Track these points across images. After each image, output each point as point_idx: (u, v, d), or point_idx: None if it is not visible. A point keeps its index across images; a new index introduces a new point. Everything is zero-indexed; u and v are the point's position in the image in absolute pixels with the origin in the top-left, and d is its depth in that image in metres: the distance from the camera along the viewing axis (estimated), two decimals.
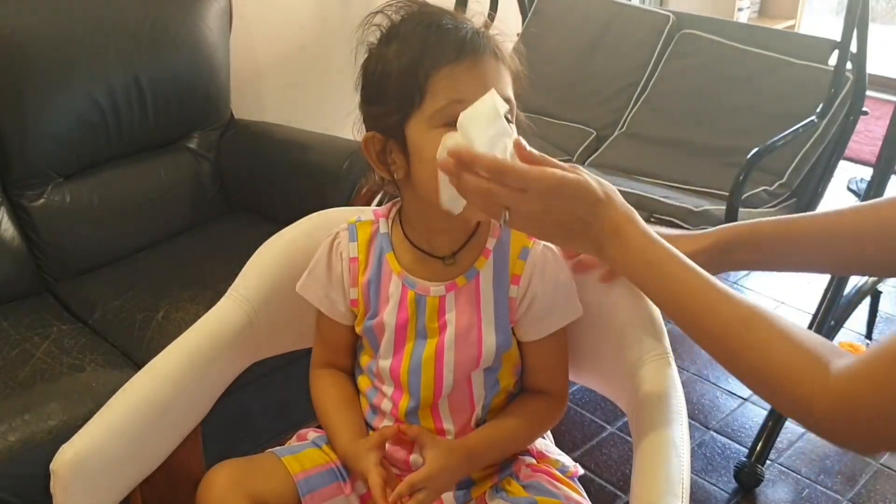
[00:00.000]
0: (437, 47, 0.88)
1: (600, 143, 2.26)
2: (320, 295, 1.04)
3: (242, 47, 2.21)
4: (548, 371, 1.04)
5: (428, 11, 0.93)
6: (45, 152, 1.76)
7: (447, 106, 0.87)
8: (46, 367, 1.48)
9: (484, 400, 1.02)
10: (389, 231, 1.02)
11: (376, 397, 1.05)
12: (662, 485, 0.88)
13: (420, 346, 1.00)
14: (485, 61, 0.89)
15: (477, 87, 0.86)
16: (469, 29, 0.90)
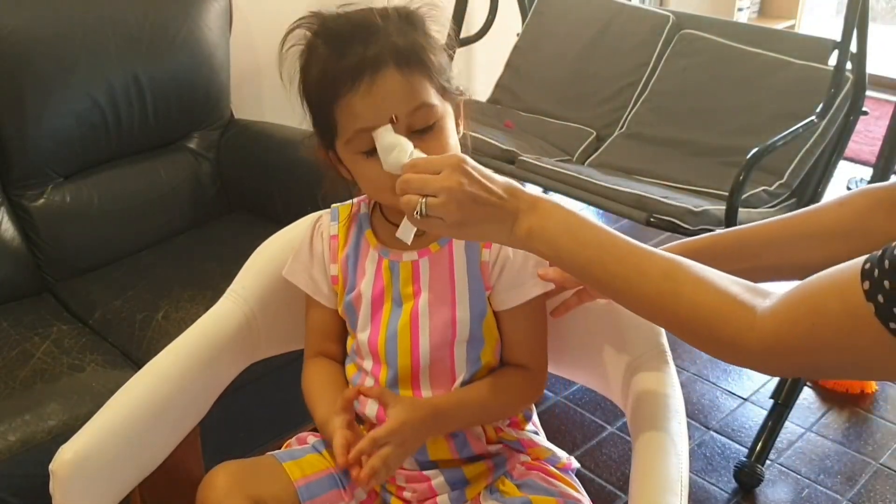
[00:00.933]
0: (334, 76, 0.89)
1: (600, 143, 2.26)
2: (304, 276, 1.06)
3: (242, 47, 2.20)
4: (524, 343, 1.02)
5: (333, 27, 0.92)
6: (45, 152, 1.76)
7: (354, 136, 0.90)
8: (46, 367, 1.48)
9: (465, 375, 1.01)
10: (369, 212, 1.05)
11: (360, 378, 1.05)
12: (661, 483, 0.88)
13: (396, 314, 1.00)
14: (380, 80, 0.87)
15: (376, 112, 0.88)
16: (363, 44, 0.88)
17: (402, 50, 0.88)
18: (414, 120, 0.89)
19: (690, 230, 1.70)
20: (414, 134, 0.89)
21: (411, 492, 1.04)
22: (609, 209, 1.83)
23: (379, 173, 0.89)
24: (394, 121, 0.87)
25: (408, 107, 0.88)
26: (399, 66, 0.88)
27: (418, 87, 0.89)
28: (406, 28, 0.91)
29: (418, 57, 0.89)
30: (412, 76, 0.88)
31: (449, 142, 0.93)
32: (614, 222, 2.90)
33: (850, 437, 1.97)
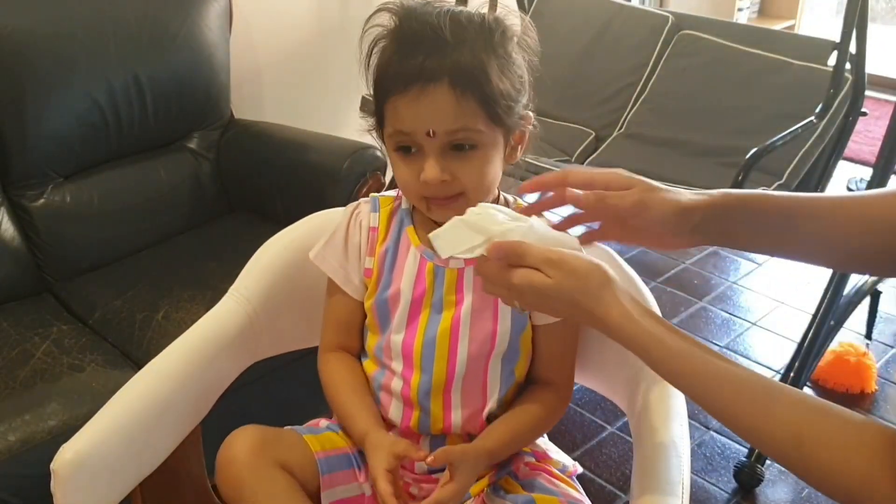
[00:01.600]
0: (392, 74, 0.90)
1: (599, 144, 2.27)
2: (335, 265, 1.04)
3: (242, 47, 2.20)
4: (556, 359, 1.04)
5: (407, 27, 0.90)
6: (45, 152, 1.76)
7: (393, 134, 0.92)
8: (46, 367, 1.48)
9: (498, 392, 1.02)
10: (410, 207, 1.03)
11: (385, 377, 1.04)
12: (662, 485, 0.89)
13: (435, 319, 1.00)
14: (430, 93, 0.87)
15: (416, 121, 0.89)
16: (425, 54, 0.87)
17: (462, 69, 0.87)
18: (452, 139, 0.89)
19: None
20: (451, 149, 0.90)
21: (418, 489, 1.05)
22: None
23: (406, 175, 0.92)
24: (430, 135, 0.88)
25: (449, 126, 0.88)
26: (453, 84, 0.87)
27: (466, 109, 0.88)
28: (479, 45, 0.89)
29: (477, 79, 0.88)
30: (463, 97, 0.87)
31: (483, 170, 0.92)
32: None
33: None
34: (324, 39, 2.53)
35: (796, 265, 2.68)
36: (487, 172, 0.93)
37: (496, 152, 0.94)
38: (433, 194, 0.92)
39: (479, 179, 0.92)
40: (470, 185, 0.92)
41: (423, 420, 1.03)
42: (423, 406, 1.02)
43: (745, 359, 2.24)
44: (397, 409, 1.03)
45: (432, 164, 0.89)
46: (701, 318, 2.41)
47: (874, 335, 2.32)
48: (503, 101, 0.90)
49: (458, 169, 0.90)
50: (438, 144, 0.89)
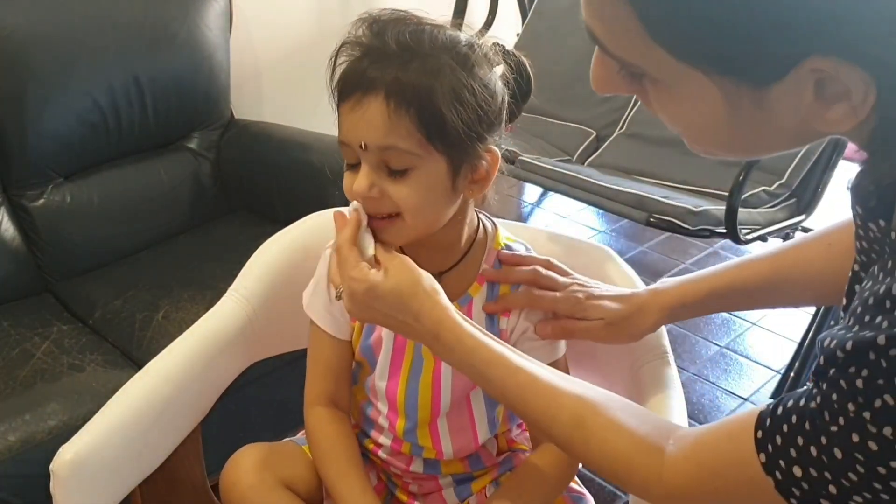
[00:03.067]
0: (342, 80, 0.87)
1: (600, 143, 2.26)
2: (321, 311, 1.00)
3: (242, 47, 2.20)
4: None
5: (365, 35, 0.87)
6: (45, 152, 1.76)
7: (339, 145, 0.88)
8: (46, 367, 1.48)
9: (486, 418, 1.01)
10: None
11: (372, 411, 1.03)
12: None
13: (417, 366, 0.98)
14: (365, 104, 0.83)
15: (351, 131, 0.85)
16: (370, 63, 0.84)
17: (402, 86, 0.82)
18: (385, 157, 0.84)
19: (690, 230, 1.69)
20: (387, 169, 0.85)
21: (417, 485, 1.05)
22: (609, 209, 1.83)
23: (346, 187, 0.89)
24: (362, 147, 0.84)
25: (379, 141, 0.83)
26: (388, 98, 0.82)
27: (399, 127, 0.82)
28: (431, 64, 0.83)
29: (417, 98, 0.82)
30: (396, 113, 0.82)
31: (420, 193, 0.86)
32: (614, 222, 2.90)
33: None
34: (324, 39, 2.52)
35: None
36: (424, 198, 0.86)
37: (437, 180, 0.86)
38: (367, 210, 0.88)
39: (414, 203, 0.86)
40: (404, 206, 0.86)
41: (415, 448, 1.02)
42: (411, 441, 1.01)
43: (745, 359, 2.24)
44: (387, 438, 1.03)
45: (360, 178, 0.85)
46: (701, 318, 2.41)
47: None
48: (449, 127, 0.83)
49: (389, 187, 0.85)
50: (373, 159, 0.84)
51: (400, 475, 1.05)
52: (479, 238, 0.97)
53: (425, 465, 1.03)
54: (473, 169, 0.88)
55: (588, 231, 2.90)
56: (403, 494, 1.06)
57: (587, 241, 1.15)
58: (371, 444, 1.05)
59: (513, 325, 0.97)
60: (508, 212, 3.06)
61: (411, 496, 1.06)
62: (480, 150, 0.88)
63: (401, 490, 1.07)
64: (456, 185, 0.88)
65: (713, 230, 1.71)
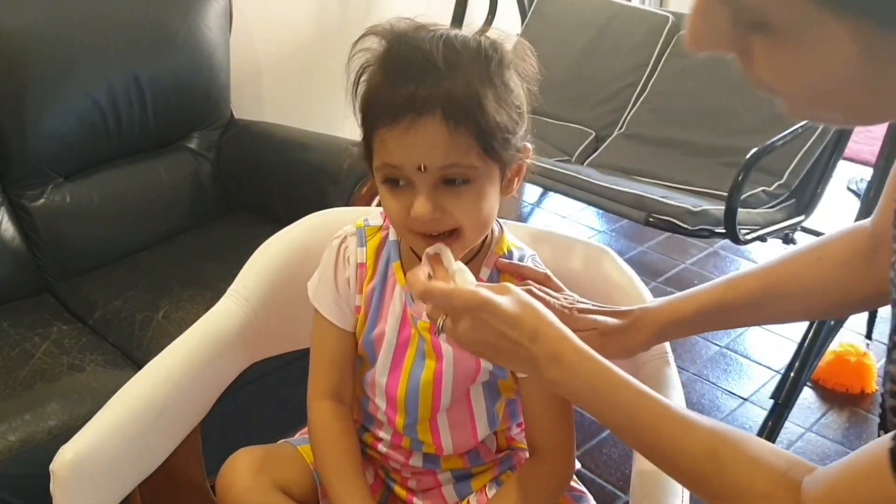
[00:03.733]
0: (380, 104, 0.83)
1: (599, 144, 2.27)
2: (329, 303, 1.00)
3: (242, 47, 2.20)
4: (543, 417, 0.98)
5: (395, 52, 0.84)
6: (45, 152, 1.76)
7: (381, 167, 0.85)
8: (46, 367, 1.48)
9: (486, 414, 1.01)
10: (398, 240, 0.98)
11: (370, 406, 1.03)
12: (662, 485, 0.89)
13: (419, 365, 0.97)
14: (421, 126, 0.80)
15: (406, 155, 0.82)
16: (416, 82, 0.80)
17: (456, 99, 0.80)
18: (443, 174, 0.83)
19: (689, 230, 1.70)
20: (443, 184, 0.83)
21: (416, 481, 1.05)
22: (608, 209, 1.83)
23: (396, 209, 0.86)
24: (422, 169, 0.81)
25: (441, 161, 0.81)
26: (446, 116, 0.80)
27: (460, 143, 0.81)
28: (474, 73, 0.82)
29: (472, 111, 0.81)
30: (457, 131, 0.80)
31: (478, 205, 0.86)
32: (614, 222, 2.91)
33: (850, 437, 1.97)
34: (324, 40, 2.53)
35: None
36: (482, 208, 0.86)
37: (491, 187, 0.87)
38: (426, 230, 0.86)
39: (474, 215, 0.86)
40: (465, 222, 0.85)
41: (415, 443, 1.02)
42: (411, 436, 1.01)
43: (745, 359, 2.24)
44: (387, 433, 1.03)
45: (423, 201, 0.83)
46: None
47: (874, 335, 2.32)
48: (499, 133, 0.83)
49: (450, 204, 0.84)
50: (430, 179, 0.83)
51: (399, 469, 1.05)
52: (487, 241, 0.97)
53: (424, 460, 1.03)
54: (513, 168, 0.89)
55: (588, 231, 2.90)
56: (402, 490, 1.07)
57: (587, 241, 1.15)
58: (370, 438, 1.05)
59: None
60: (508, 212, 3.06)
61: (410, 492, 1.06)
62: (519, 147, 0.89)
63: (399, 485, 1.07)
64: (503, 187, 0.89)
65: (712, 230, 1.71)
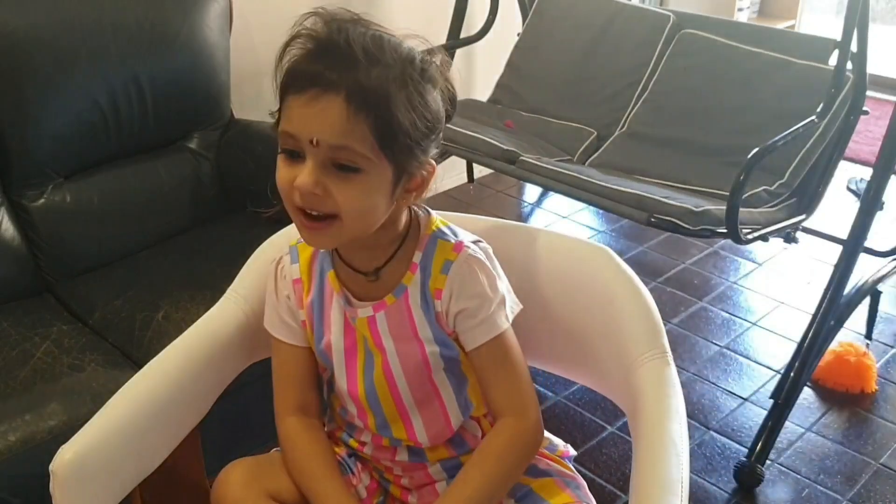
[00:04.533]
0: (295, 72, 0.86)
1: (601, 143, 2.26)
2: (276, 322, 1.03)
3: (242, 47, 2.20)
4: (494, 384, 0.98)
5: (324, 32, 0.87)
6: (45, 152, 1.76)
7: (281, 134, 0.88)
8: (46, 367, 1.48)
9: (456, 402, 1.01)
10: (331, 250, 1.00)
11: (347, 415, 1.05)
12: (662, 484, 0.88)
13: (370, 363, 0.99)
14: (323, 101, 0.83)
15: (303, 125, 0.85)
16: (331, 62, 0.84)
17: (364, 89, 0.83)
18: (336, 156, 0.85)
19: (691, 230, 1.69)
20: (332, 166, 0.85)
21: (409, 478, 1.05)
22: (609, 209, 1.83)
23: (283, 179, 0.89)
24: (313, 143, 0.84)
25: (334, 140, 0.84)
26: (349, 100, 0.83)
27: (356, 130, 0.83)
28: (392, 73, 0.85)
29: (376, 104, 0.84)
30: (356, 117, 0.83)
31: (361, 197, 0.87)
32: (614, 222, 2.90)
33: (850, 437, 1.97)
34: None
35: (796, 265, 2.68)
36: (365, 202, 0.88)
37: (381, 186, 0.88)
38: (306, 205, 0.87)
39: (355, 205, 0.87)
40: (345, 208, 0.86)
41: (393, 441, 1.03)
42: (386, 435, 1.03)
43: (745, 359, 2.24)
44: (367, 436, 1.05)
45: (307, 173, 0.85)
46: (701, 318, 2.41)
47: (874, 335, 2.32)
48: (401, 136, 0.86)
49: (335, 187, 0.86)
50: (321, 156, 0.85)
51: (390, 468, 1.06)
52: (413, 229, 0.98)
53: (410, 454, 1.04)
54: (410, 178, 0.90)
55: (588, 231, 2.90)
56: (397, 489, 1.07)
57: (587, 241, 1.15)
58: (356, 443, 1.07)
59: (445, 306, 0.96)
60: (509, 212, 3.06)
61: (405, 490, 1.07)
62: (422, 161, 0.90)
63: (394, 485, 1.07)
64: (395, 192, 0.90)
65: (714, 230, 1.71)
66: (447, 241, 0.97)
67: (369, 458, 1.07)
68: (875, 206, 1.87)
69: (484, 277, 0.96)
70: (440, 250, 0.96)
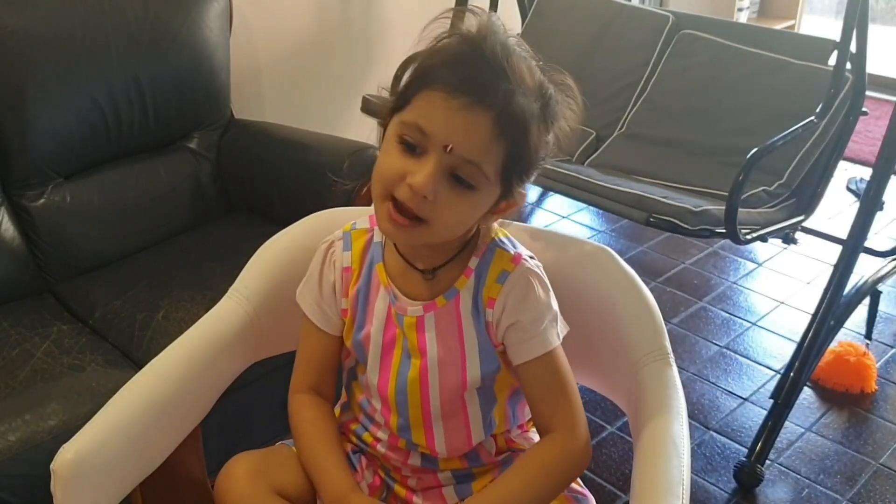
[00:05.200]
0: (450, 71, 0.84)
1: (600, 144, 2.26)
2: (312, 304, 1.03)
3: (242, 47, 2.20)
4: (544, 400, 0.97)
5: (490, 38, 0.86)
6: (45, 152, 1.76)
7: (410, 124, 0.85)
8: (46, 367, 1.48)
9: (482, 421, 1.01)
10: (382, 240, 1.00)
11: (369, 407, 1.04)
12: (662, 485, 0.88)
13: (406, 364, 0.98)
14: (473, 114, 0.82)
15: (444, 128, 0.83)
16: (493, 77, 0.83)
17: (511, 115, 0.83)
18: (459, 166, 0.84)
19: (690, 230, 1.69)
20: (450, 178, 0.85)
21: (416, 480, 1.05)
22: (609, 209, 1.83)
23: (392, 168, 0.86)
24: (447, 149, 0.83)
25: (470, 154, 0.83)
26: (497, 121, 0.83)
27: (492, 151, 0.84)
28: (532, 104, 0.86)
29: (519, 133, 0.84)
30: (497, 139, 0.83)
31: (465, 213, 0.88)
32: (614, 222, 2.91)
33: (850, 437, 1.97)
34: (324, 39, 2.52)
35: (796, 265, 2.68)
36: (465, 218, 0.89)
37: (484, 206, 0.89)
38: (407, 201, 0.85)
39: (453, 220, 0.88)
40: (442, 219, 0.86)
41: (410, 444, 1.03)
42: (405, 437, 1.02)
43: (745, 359, 2.24)
44: (384, 434, 1.04)
45: (428, 174, 0.83)
46: (701, 318, 2.41)
47: (874, 335, 2.32)
48: (523, 166, 0.87)
49: (444, 196, 0.85)
50: (446, 162, 0.84)
51: (399, 468, 1.06)
52: (474, 235, 0.98)
53: (423, 460, 1.04)
54: (508, 203, 0.92)
55: (588, 231, 2.90)
56: (402, 489, 1.07)
57: (587, 240, 1.15)
58: (370, 438, 1.06)
59: (497, 316, 0.96)
60: None
61: (410, 491, 1.07)
62: (523, 189, 0.91)
63: (399, 484, 1.07)
64: (489, 211, 0.91)
65: (713, 230, 1.71)
66: (506, 250, 0.97)
67: (379, 456, 1.06)
68: (875, 206, 1.87)
69: (541, 292, 0.95)
70: (497, 259, 0.96)
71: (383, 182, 0.87)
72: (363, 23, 2.61)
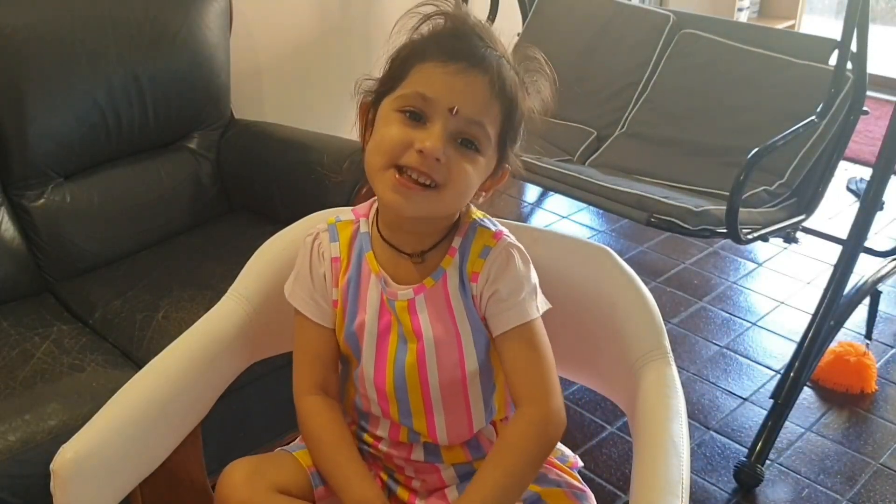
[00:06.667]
0: (441, 44, 0.90)
1: (601, 143, 2.26)
2: (305, 299, 1.02)
3: (242, 47, 2.20)
4: (521, 373, 0.97)
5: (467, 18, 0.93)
6: (45, 152, 1.76)
7: (411, 95, 0.89)
8: (46, 367, 1.48)
9: (483, 407, 1.01)
10: (369, 230, 1.02)
11: (364, 403, 1.04)
12: (662, 485, 0.88)
13: (402, 350, 0.99)
14: (472, 76, 0.88)
15: (446, 91, 0.88)
16: (483, 45, 0.90)
17: (503, 78, 0.90)
18: (465, 128, 0.89)
19: (691, 230, 1.69)
20: (456, 143, 0.89)
21: (420, 482, 1.05)
22: (609, 209, 1.83)
23: (396, 138, 0.89)
24: (453, 111, 0.87)
25: (475, 114, 0.89)
26: (492, 83, 0.89)
27: (492, 110, 0.90)
28: (521, 77, 0.93)
29: (509, 95, 0.91)
30: (494, 100, 0.90)
31: (471, 174, 0.91)
32: (614, 222, 2.91)
33: (850, 437, 1.97)
34: (324, 39, 2.53)
35: (796, 265, 2.68)
36: (471, 182, 0.92)
37: (484, 173, 0.94)
38: (421, 167, 0.87)
39: (464, 182, 0.90)
40: (453, 181, 0.89)
41: (412, 434, 1.03)
42: (407, 425, 1.02)
43: (745, 359, 2.24)
44: (384, 429, 1.04)
45: (438, 136, 0.87)
46: (701, 318, 2.41)
47: (874, 335, 2.32)
48: (512, 133, 0.93)
49: (454, 159, 0.89)
50: (452, 126, 0.88)
51: (402, 468, 1.05)
52: (458, 218, 1.00)
53: (426, 452, 1.04)
54: (499, 174, 0.97)
55: (588, 231, 2.90)
56: (405, 492, 1.07)
57: (588, 241, 1.15)
58: (370, 438, 1.06)
59: (480, 289, 0.97)
60: (509, 212, 3.06)
61: (413, 493, 1.06)
62: (508, 159, 0.96)
63: (403, 487, 1.07)
64: (483, 184, 0.95)
65: (714, 230, 1.71)
66: (487, 228, 0.99)
67: (382, 457, 1.06)
68: (875, 206, 1.87)
69: (521, 264, 0.97)
70: (479, 236, 0.98)
71: (387, 152, 0.90)
72: (363, 23, 2.61)
